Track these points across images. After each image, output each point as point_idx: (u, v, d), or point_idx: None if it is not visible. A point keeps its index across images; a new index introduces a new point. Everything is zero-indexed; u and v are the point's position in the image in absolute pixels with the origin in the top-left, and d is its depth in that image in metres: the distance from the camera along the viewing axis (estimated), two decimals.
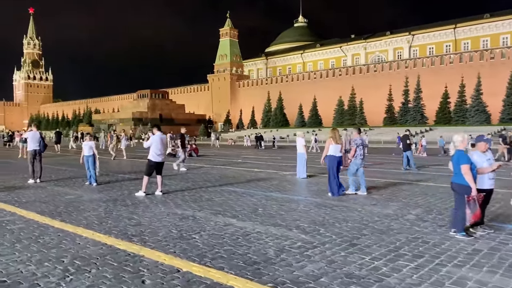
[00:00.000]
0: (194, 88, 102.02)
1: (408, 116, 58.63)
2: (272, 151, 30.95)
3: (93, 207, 7.36)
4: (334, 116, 66.44)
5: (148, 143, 8.95)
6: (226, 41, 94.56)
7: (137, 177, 12.34)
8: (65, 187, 10.06)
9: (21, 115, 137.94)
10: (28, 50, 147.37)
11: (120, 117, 77.64)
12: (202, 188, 9.88)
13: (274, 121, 73.36)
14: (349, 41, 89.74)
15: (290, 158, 21.42)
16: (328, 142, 8.81)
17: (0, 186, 10.16)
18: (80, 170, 14.32)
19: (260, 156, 23.45)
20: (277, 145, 37.47)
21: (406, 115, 59.11)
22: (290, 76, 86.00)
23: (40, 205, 7.60)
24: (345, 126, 61.51)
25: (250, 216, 6.53)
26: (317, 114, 69.25)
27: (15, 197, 8.47)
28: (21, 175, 12.63)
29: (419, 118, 57.68)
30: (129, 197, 8.48)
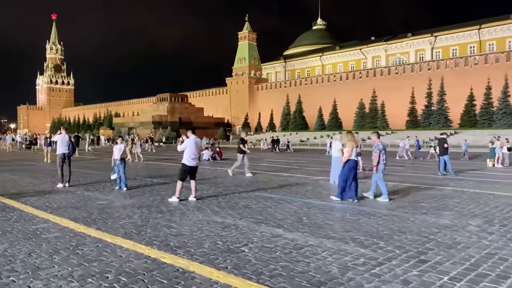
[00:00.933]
0: (212, 92, 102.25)
1: (432, 119, 57.22)
2: (293, 154, 30.40)
3: (127, 214, 7.02)
4: (355, 119, 65.41)
5: (182, 147, 8.60)
6: (245, 45, 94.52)
7: (165, 181, 12.03)
8: (95, 192, 9.78)
9: (44, 118, 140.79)
10: (51, 55, 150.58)
11: (140, 120, 78.23)
12: (235, 194, 9.47)
13: (294, 124, 72.69)
14: (369, 43, 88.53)
15: (316, 162, 20.94)
16: (349, 146, 8.50)
17: (30, 191, 9.96)
18: (107, 173, 14.12)
19: (284, 160, 22.95)
20: (292, 148, 37.27)
21: (429, 118, 57.69)
22: (309, 78, 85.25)
23: (73, 211, 7.30)
24: (366, 129, 60.48)
25: (296, 226, 6.06)
26: (337, 117, 68.28)
27: (46, 203, 8.21)
28: (49, 179, 12.47)
29: (443, 121, 56.23)
30: (163, 203, 8.13)
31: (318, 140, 53.78)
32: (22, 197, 8.87)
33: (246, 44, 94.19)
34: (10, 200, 8.42)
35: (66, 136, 11.12)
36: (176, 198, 8.41)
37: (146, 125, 74.52)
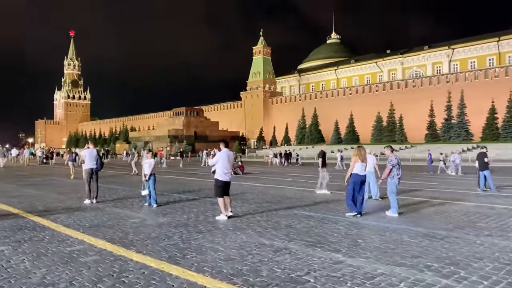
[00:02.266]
0: (227, 106, 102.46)
1: (452, 132, 55.98)
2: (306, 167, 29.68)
3: (165, 234, 6.54)
4: (372, 133, 64.48)
5: (214, 161, 8.14)
6: (259, 59, 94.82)
7: (194, 197, 11.58)
8: (125, 209, 9.36)
9: (61, 133, 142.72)
10: (68, 70, 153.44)
11: (156, 134, 78.56)
12: (272, 212, 8.93)
13: (309, 137, 72.04)
14: (385, 57, 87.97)
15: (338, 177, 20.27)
16: (353, 160, 8.51)
17: (58, 207, 9.59)
18: (132, 189, 13.76)
19: (308, 174, 22.33)
20: (301, 162, 37.76)
21: (449, 132, 56.46)
22: (325, 92, 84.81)
23: (107, 230, 6.86)
24: (384, 143, 59.43)
25: (355, 251, 5.49)
26: (354, 130, 67.39)
27: (77, 221, 7.80)
28: (75, 195, 12.13)
29: (463, 134, 54.95)
30: (199, 221, 7.64)
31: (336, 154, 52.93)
32: (51, 214, 8.49)
33: (261, 59, 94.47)
34: (39, 218, 8.03)
35: (94, 150, 10.79)
36: (225, 216, 7.92)
37: (162, 139, 74.74)
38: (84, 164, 10.77)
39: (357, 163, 8.42)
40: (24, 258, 5.16)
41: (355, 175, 8.39)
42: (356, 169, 8.41)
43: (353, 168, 8.45)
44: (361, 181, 8.38)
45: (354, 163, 8.46)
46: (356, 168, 8.41)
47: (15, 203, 10.19)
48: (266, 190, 13.71)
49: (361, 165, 8.41)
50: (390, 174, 8.64)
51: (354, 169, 8.43)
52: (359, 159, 8.40)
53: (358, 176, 8.37)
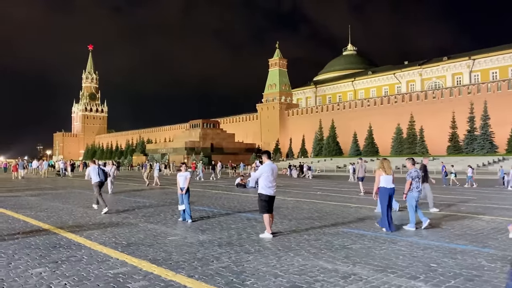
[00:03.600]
0: (242, 118, 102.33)
1: (475, 144, 54.43)
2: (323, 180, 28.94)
3: (212, 255, 5.97)
4: (392, 145, 63.25)
5: (256, 174, 7.57)
6: (275, 71, 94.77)
7: (227, 212, 11.01)
8: (159, 224, 8.84)
9: (78, 145, 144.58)
10: (86, 84, 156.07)
11: (173, 146, 78.64)
12: (317, 229, 8.29)
13: (327, 149, 71.07)
14: (403, 68, 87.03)
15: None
16: (378, 173, 8.37)
17: (89, 222, 9.13)
18: (160, 202, 13.27)
19: (336, 188, 21.55)
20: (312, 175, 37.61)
21: (472, 144, 54.92)
22: (342, 104, 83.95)
23: (147, 249, 6.33)
24: (405, 155, 58.25)
25: (435, 277, 4.82)
26: (373, 142, 66.23)
27: (112, 238, 7.30)
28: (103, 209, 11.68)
29: (488, 146, 53.37)
30: (243, 240, 7.06)
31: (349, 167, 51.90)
32: (83, 230, 8.02)
33: (277, 71, 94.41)
34: (72, 234, 7.56)
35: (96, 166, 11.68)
36: (270, 234, 7.32)
37: (179, 151, 74.75)
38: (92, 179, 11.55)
39: (382, 176, 8.25)
40: (66, 282, 4.65)
41: (383, 189, 8.19)
42: (382, 182, 8.23)
43: (378, 182, 8.30)
44: (389, 195, 8.16)
45: (378, 177, 8.31)
46: (382, 182, 8.24)
47: (44, 218, 9.77)
48: (299, 204, 13.06)
49: (386, 177, 8.22)
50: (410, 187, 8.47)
51: (380, 182, 8.26)
52: (383, 172, 8.23)
53: (386, 190, 8.16)
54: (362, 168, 17.20)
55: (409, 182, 8.44)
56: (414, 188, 8.45)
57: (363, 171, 17.19)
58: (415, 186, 8.46)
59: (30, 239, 7.10)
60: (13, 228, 8.32)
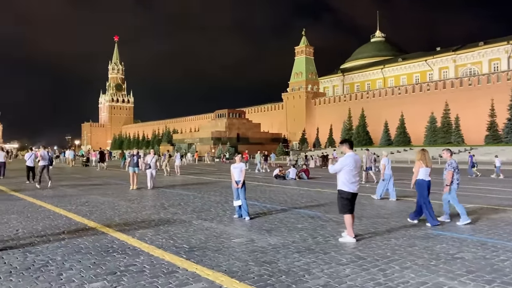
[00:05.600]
0: (268, 107, 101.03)
1: None
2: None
3: (299, 266, 4.90)
4: (426, 134, 60.71)
5: (336, 167, 6.43)
6: (302, 59, 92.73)
7: (282, 207, 9.95)
8: (214, 222, 7.87)
9: (105, 135, 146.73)
10: (113, 75, 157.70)
11: (200, 136, 78.31)
12: (398, 230, 7.11)
13: (357, 139, 68.91)
14: (435, 54, 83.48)
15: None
16: (417, 165, 7.91)
17: (136, 219, 8.23)
18: (204, 194, 12.31)
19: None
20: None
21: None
22: (372, 92, 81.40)
23: (216, 256, 5.33)
24: (439, 145, 55.76)
25: None
26: (405, 132, 63.81)
27: (169, 239, 6.34)
28: (146, 202, 10.84)
29: None
30: (321, 244, 5.98)
31: (391, 157, 50.11)
32: (134, 229, 7.12)
33: (303, 59, 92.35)
34: (123, 235, 6.66)
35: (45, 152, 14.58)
36: (353, 238, 6.23)
37: (205, 141, 74.31)
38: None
39: (422, 168, 7.80)
40: None
41: (422, 181, 7.80)
42: (421, 174, 7.82)
43: (417, 174, 7.87)
44: (427, 188, 7.76)
45: (418, 168, 7.87)
46: (421, 174, 7.82)
47: (87, 213, 8.96)
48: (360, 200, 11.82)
49: (426, 170, 7.80)
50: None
51: (418, 174, 7.84)
52: (423, 164, 7.80)
53: (424, 182, 7.78)
54: (369, 159, 17.79)
55: (451, 173, 7.92)
56: (454, 180, 8.00)
57: (369, 162, 17.81)
58: (455, 178, 8.01)
59: (78, 241, 6.23)
60: (56, 226, 7.50)
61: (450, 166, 7.97)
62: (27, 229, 7.18)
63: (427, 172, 7.80)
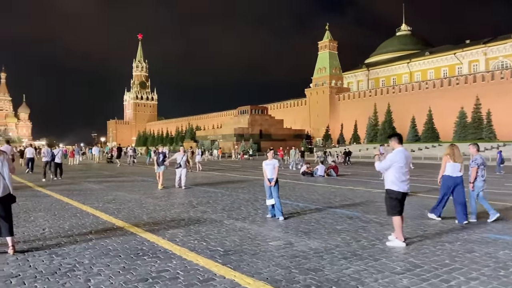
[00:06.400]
0: (291, 103, 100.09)
1: None
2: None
3: (348, 275, 4.38)
4: (455, 130, 58.66)
5: (384, 165, 5.84)
6: (325, 54, 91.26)
7: (316, 206, 9.41)
8: (247, 222, 7.42)
9: (130, 132, 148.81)
10: (137, 72, 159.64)
11: (223, 133, 78.23)
12: (449, 233, 6.49)
13: (382, 135, 67.35)
14: (465, 47, 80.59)
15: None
16: (444, 160, 7.63)
17: (166, 218, 7.85)
18: (232, 192, 11.89)
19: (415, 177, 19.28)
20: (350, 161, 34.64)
21: None
22: (398, 87, 79.32)
23: (254, 262, 4.86)
24: (469, 140, 53.66)
25: None
26: (433, 127, 61.86)
27: (201, 241, 5.92)
28: (174, 200, 10.50)
29: None
30: (366, 248, 5.43)
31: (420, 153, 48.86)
32: (163, 229, 6.75)
33: (327, 53, 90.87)
34: (152, 236, 6.28)
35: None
36: (403, 242, 5.65)
37: (228, 138, 74.17)
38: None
39: (448, 163, 7.54)
40: None
41: (447, 177, 7.57)
42: (447, 170, 7.57)
43: (444, 169, 7.63)
44: (455, 184, 7.47)
45: (445, 163, 7.60)
46: (447, 169, 7.57)
47: (114, 211, 8.67)
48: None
49: (453, 165, 7.51)
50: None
51: (446, 170, 7.60)
52: (450, 159, 7.51)
53: (450, 178, 7.53)
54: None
55: (475, 169, 7.62)
56: (479, 176, 7.67)
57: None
58: (480, 175, 7.68)
59: (106, 241, 5.89)
60: (83, 224, 7.21)
61: (474, 162, 7.68)
62: (54, 228, 6.91)
63: (455, 167, 7.53)
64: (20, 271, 4.51)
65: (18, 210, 8.56)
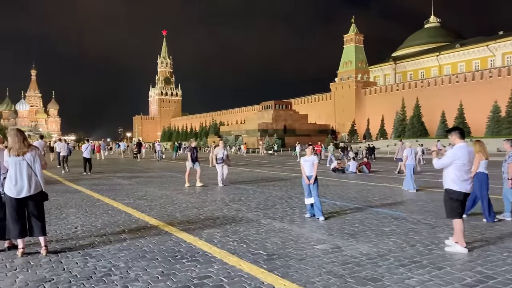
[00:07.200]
0: (315, 98, 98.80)
1: None
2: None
3: (411, 285, 3.89)
4: (488, 125, 56.40)
5: (445, 161, 5.26)
6: (351, 47, 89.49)
7: (356, 205, 8.88)
8: (285, 222, 6.98)
9: (155, 127, 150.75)
10: (161, 68, 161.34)
11: (246, 128, 77.94)
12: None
13: (411, 130, 65.61)
14: (498, 38, 77.34)
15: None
16: (478, 158, 7.22)
17: (199, 216, 7.52)
18: (263, 189, 11.46)
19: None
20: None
21: None
22: (427, 80, 76.94)
23: (303, 268, 4.42)
24: (504, 136, 51.49)
25: None
26: (464, 122, 59.64)
27: (241, 243, 5.52)
28: (205, 196, 10.17)
29: None
30: (425, 255, 4.91)
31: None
32: (199, 229, 6.39)
33: (353, 47, 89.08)
34: (188, 236, 5.93)
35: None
36: (464, 248, 5.09)
37: (251, 133, 73.83)
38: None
39: (482, 161, 7.36)
40: None
41: (482, 174, 7.39)
42: (480, 167, 7.39)
43: (478, 167, 7.29)
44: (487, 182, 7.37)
45: (478, 161, 7.27)
46: (480, 167, 7.39)
47: (147, 208, 8.40)
48: (433, 196, 10.52)
49: (485, 162, 7.43)
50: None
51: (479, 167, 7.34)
52: (483, 156, 7.33)
53: (484, 175, 7.41)
54: (402, 150, 17.29)
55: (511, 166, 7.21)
56: None
57: (401, 153, 17.22)
58: None
59: (141, 242, 5.57)
60: (116, 223, 6.95)
61: (511, 158, 7.32)
62: (86, 226, 6.67)
63: (485, 164, 7.47)
64: (54, 274, 4.23)
65: (50, 206, 8.40)
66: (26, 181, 4.79)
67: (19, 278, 4.11)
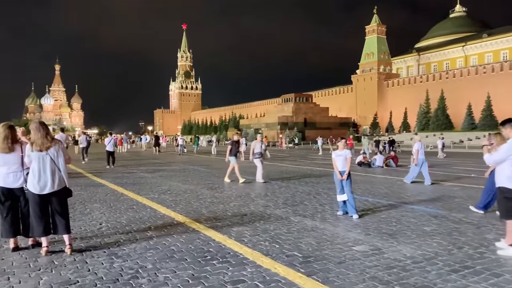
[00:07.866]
0: (336, 90, 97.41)
1: None
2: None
3: None
4: None
5: (497, 157, 4.80)
6: (373, 39, 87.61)
7: (389, 202, 8.43)
8: (317, 220, 6.62)
9: (176, 121, 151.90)
10: (181, 62, 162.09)
11: (266, 121, 77.53)
12: None
13: (435, 123, 63.84)
14: None
15: None
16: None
17: (226, 212, 7.23)
18: (289, 184, 11.09)
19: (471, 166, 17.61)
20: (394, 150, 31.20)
21: None
22: (451, 72, 74.74)
23: (345, 274, 4.06)
24: None
25: None
26: (492, 114, 57.64)
27: (273, 243, 5.19)
28: (230, 191, 9.89)
29: None
30: (475, 259, 4.48)
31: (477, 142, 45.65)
32: (227, 226, 6.10)
33: (375, 38, 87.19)
34: (217, 234, 5.64)
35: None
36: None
37: (271, 126, 73.38)
38: None
39: None
40: None
41: None
42: None
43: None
44: None
45: None
46: None
47: (172, 204, 8.17)
48: (468, 192, 9.94)
49: None
50: None
51: None
52: None
53: None
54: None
55: None
56: None
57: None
58: None
59: (168, 241, 5.31)
60: (141, 219, 6.72)
61: None
62: (111, 222, 6.47)
63: None
64: (79, 276, 3.99)
65: (74, 200, 8.27)
66: (49, 176, 4.58)
67: (42, 280, 3.90)
